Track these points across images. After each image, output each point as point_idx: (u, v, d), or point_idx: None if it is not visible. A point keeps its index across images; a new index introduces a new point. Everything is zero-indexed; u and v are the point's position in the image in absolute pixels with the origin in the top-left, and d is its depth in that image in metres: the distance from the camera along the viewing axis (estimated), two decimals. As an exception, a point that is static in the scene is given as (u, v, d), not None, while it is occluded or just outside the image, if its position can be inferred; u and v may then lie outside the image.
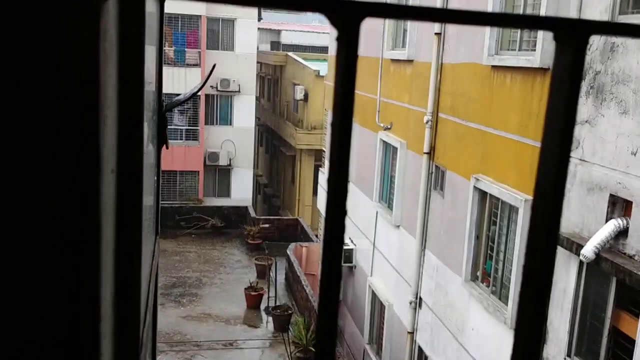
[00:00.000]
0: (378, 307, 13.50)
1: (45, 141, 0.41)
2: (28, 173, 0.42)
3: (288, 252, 19.65)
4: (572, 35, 0.39)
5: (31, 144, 0.40)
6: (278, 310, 17.04)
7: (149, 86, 1.34)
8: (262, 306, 18.04)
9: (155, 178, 1.50)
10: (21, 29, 0.39)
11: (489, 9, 8.82)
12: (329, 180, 0.37)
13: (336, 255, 0.43)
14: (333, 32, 0.39)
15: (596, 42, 6.80)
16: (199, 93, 25.51)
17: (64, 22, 0.37)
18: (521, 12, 8.37)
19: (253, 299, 18.01)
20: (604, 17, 6.67)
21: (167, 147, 1.51)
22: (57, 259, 0.46)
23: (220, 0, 0.38)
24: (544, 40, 7.57)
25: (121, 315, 0.66)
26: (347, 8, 0.35)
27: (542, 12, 7.59)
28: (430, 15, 0.37)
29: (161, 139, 1.40)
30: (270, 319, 17.16)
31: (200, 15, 25.99)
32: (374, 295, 13.70)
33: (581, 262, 6.64)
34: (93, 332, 0.50)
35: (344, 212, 0.41)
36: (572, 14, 7.12)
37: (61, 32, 0.37)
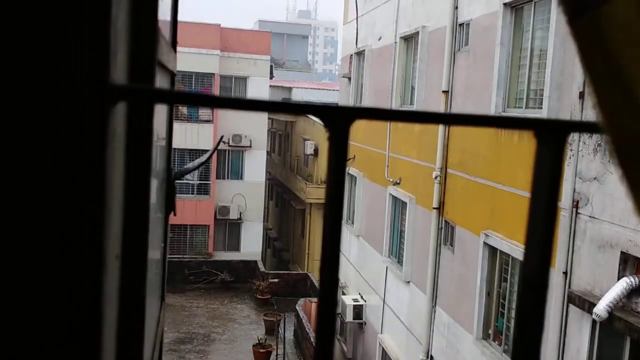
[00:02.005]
0: (388, 365, 13.20)
1: (49, 231, 0.43)
2: (35, 264, 0.44)
3: (297, 307, 19.37)
4: (552, 134, 0.41)
5: (36, 234, 0.43)
6: (286, 368, 16.70)
7: (159, 150, 1.38)
8: (271, 364, 17.70)
9: (163, 245, 1.52)
10: (30, 127, 0.42)
11: (495, 70, 8.98)
12: (320, 286, 0.39)
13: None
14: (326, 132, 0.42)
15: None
16: (209, 151, 25.83)
17: (73, 125, 0.40)
18: (527, 72, 8.51)
19: (261, 357, 17.68)
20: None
21: (174, 214, 1.54)
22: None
23: (227, 106, 0.41)
24: (550, 98, 7.66)
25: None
26: (337, 112, 0.38)
27: (548, 72, 7.71)
28: (412, 117, 0.40)
29: (169, 207, 1.43)
30: (279, 377, 16.81)
31: (213, 74, 26.60)
32: (384, 353, 13.42)
33: (594, 321, 6.51)
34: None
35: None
36: (577, 71, 7.22)
37: (70, 134, 0.40)
